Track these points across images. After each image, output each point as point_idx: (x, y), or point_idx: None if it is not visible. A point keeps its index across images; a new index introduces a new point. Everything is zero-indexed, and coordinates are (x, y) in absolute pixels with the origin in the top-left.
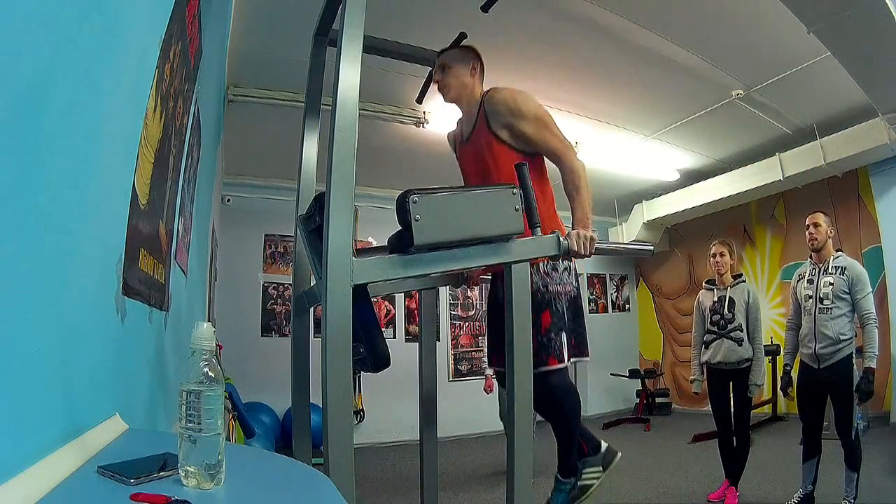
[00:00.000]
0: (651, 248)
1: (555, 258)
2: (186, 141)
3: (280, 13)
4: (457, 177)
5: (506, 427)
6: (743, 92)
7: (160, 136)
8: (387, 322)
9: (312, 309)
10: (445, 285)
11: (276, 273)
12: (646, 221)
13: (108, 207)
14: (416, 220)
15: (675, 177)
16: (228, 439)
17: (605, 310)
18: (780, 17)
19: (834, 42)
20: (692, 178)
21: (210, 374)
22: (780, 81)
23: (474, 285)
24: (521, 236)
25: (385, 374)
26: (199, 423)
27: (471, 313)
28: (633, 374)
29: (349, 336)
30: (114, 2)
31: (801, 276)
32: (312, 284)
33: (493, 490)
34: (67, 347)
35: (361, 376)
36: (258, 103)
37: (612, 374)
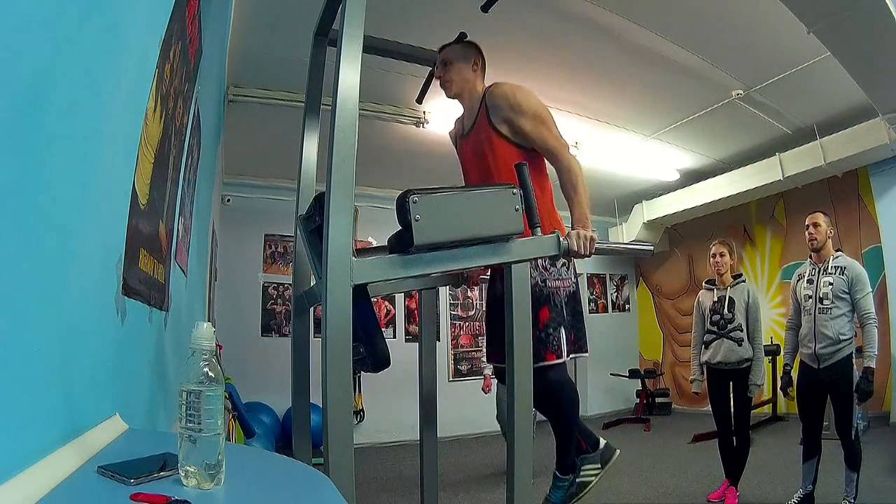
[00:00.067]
0: (651, 248)
1: (555, 258)
2: (186, 141)
3: (280, 13)
4: (457, 177)
5: (502, 429)
6: (743, 92)
7: (160, 136)
8: (387, 322)
9: (312, 309)
10: (445, 285)
11: (276, 273)
12: (646, 221)
13: (108, 207)
14: (416, 220)
15: (675, 177)
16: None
17: (605, 310)
18: (780, 17)
19: (834, 42)
20: (692, 178)
21: (210, 374)
22: (780, 81)
23: (474, 285)
24: (521, 236)
25: (385, 374)
26: (199, 423)
27: (471, 313)
28: (633, 374)
29: (349, 336)
30: (114, 2)
31: (800, 276)
32: (312, 284)
33: (493, 490)
34: (67, 347)
35: (361, 376)
36: (258, 103)
37: (612, 374)
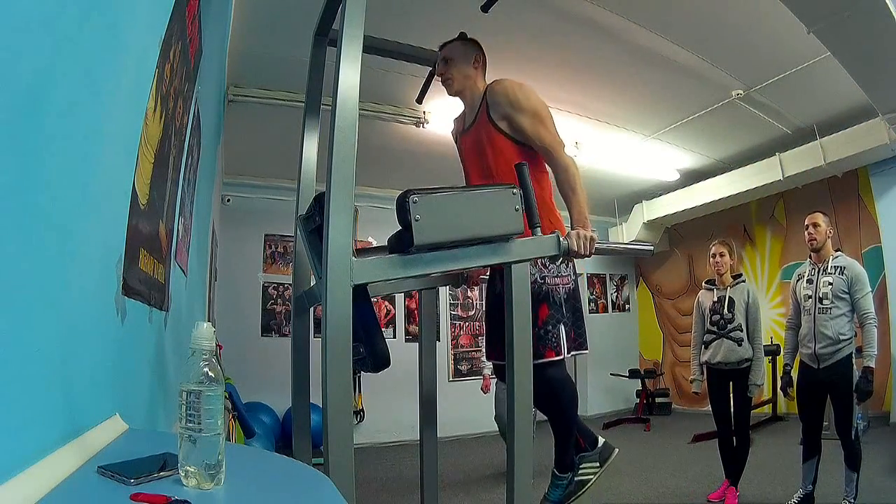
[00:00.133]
0: (651, 248)
1: (555, 258)
2: (186, 141)
3: (280, 13)
4: (458, 177)
5: (500, 429)
6: (743, 92)
7: (160, 136)
8: (387, 322)
9: (312, 309)
10: (445, 285)
11: (276, 273)
12: (646, 221)
13: (108, 207)
14: (416, 220)
15: (675, 177)
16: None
17: (605, 310)
18: (780, 17)
19: (834, 42)
20: (692, 178)
21: (210, 374)
22: (780, 81)
23: (474, 285)
24: (521, 236)
25: (385, 374)
26: (199, 423)
27: (471, 313)
28: (633, 374)
29: (349, 336)
30: (114, 2)
31: (800, 276)
32: (312, 284)
33: (493, 490)
34: (67, 347)
35: (361, 376)
36: (258, 103)
37: (612, 374)
